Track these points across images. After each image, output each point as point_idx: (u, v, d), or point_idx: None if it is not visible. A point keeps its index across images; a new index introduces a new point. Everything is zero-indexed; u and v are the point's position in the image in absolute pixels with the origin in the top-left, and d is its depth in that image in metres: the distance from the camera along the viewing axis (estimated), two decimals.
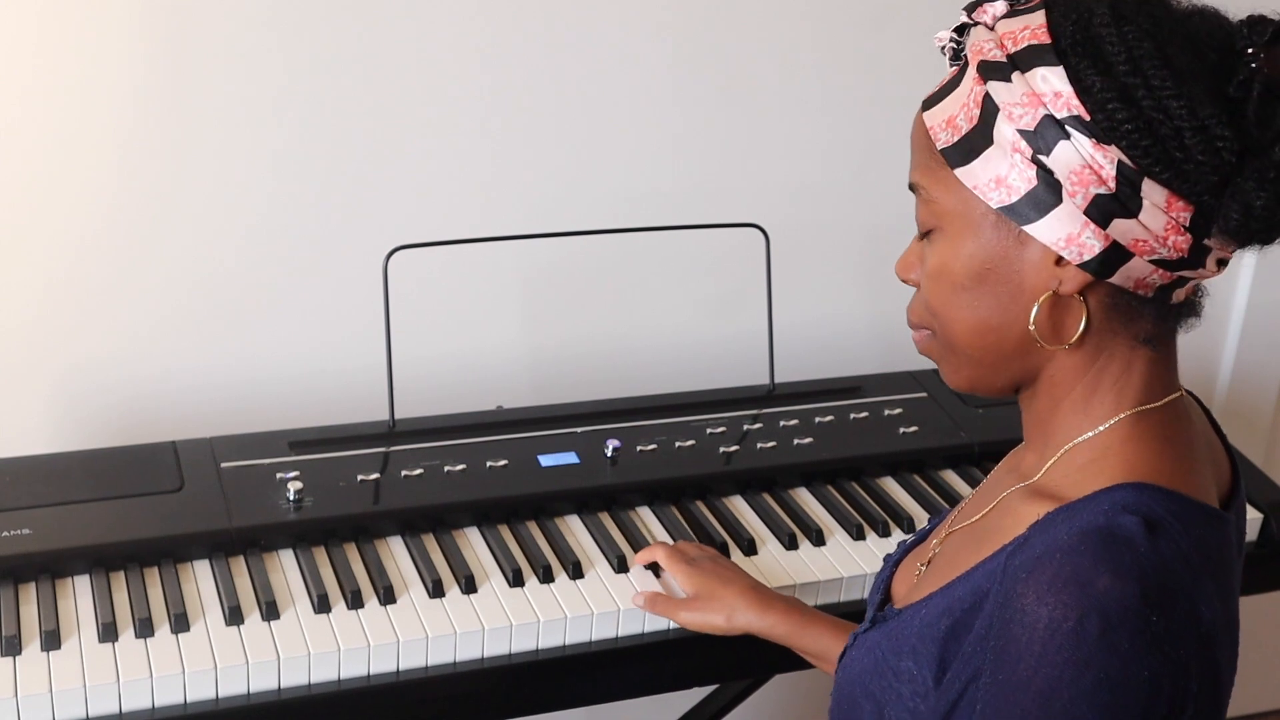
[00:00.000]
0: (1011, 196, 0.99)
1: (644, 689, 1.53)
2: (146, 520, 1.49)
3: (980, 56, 1.01)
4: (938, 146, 1.02)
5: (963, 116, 1.01)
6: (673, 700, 1.81)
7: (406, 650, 1.39)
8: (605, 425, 1.72)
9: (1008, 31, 1.00)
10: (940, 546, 1.17)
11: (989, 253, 1.02)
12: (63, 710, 1.28)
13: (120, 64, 1.72)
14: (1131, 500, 0.97)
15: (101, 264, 1.79)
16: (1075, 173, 0.96)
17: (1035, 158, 0.97)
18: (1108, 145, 0.95)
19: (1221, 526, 1.02)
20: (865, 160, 2.08)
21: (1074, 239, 0.98)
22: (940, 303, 1.06)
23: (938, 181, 1.03)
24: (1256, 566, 1.71)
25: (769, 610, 1.40)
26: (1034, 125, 0.97)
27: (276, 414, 1.87)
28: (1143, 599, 0.91)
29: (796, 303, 2.01)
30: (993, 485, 1.17)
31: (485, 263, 1.92)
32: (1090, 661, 0.90)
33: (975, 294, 1.03)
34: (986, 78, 0.99)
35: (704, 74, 1.97)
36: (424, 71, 1.84)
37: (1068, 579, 0.92)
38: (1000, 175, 0.99)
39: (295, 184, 1.84)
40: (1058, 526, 0.97)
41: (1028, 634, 0.92)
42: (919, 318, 1.11)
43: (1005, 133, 0.98)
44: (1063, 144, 0.96)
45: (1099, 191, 0.96)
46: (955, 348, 1.07)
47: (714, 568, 1.46)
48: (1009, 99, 0.98)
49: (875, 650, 1.11)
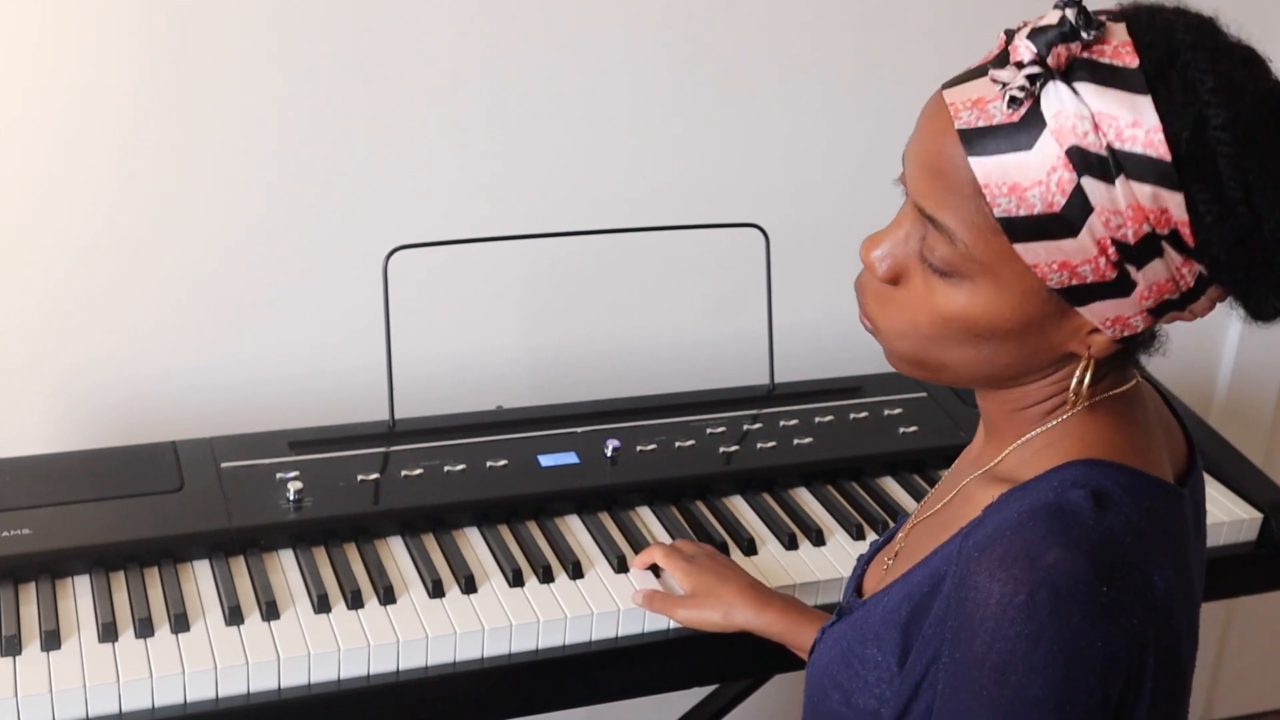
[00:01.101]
0: (1073, 281, 0.94)
1: (644, 689, 1.53)
2: (146, 520, 1.49)
3: (1074, 140, 0.90)
4: (995, 212, 0.93)
5: (1036, 194, 0.91)
6: (673, 700, 1.81)
7: (406, 650, 1.39)
8: (605, 425, 1.72)
9: (1108, 116, 0.89)
10: (905, 539, 1.18)
11: (1022, 318, 0.97)
12: (63, 710, 1.28)
13: (120, 64, 1.72)
14: (1080, 476, 0.98)
15: (101, 264, 1.79)
16: (1157, 284, 0.93)
17: (1122, 264, 0.92)
18: (1196, 262, 0.92)
19: (1176, 500, 1.02)
20: (865, 160, 2.07)
21: (1123, 320, 0.96)
22: (938, 340, 1.01)
23: (979, 238, 0.95)
24: (1257, 566, 1.71)
25: (766, 608, 1.40)
26: (1134, 240, 0.91)
27: (276, 414, 1.86)
28: (1093, 571, 0.91)
29: (796, 303, 2.01)
30: (953, 477, 1.17)
31: (485, 263, 1.91)
32: (1042, 635, 0.91)
33: (992, 345, 0.99)
34: (1081, 171, 0.90)
35: (704, 74, 1.97)
36: (424, 72, 1.84)
37: (1018, 554, 0.92)
38: (1071, 263, 0.93)
39: (295, 184, 1.84)
40: (1009, 505, 0.98)
41: (980, 611, 0.93)
42: (879, 319, 1.04)
43: (1095, 233, 0.91)
44: (1156, 261, 0.92)
45: (1170, 297, 0.95)
46: (927, 365, 1.04)
47: (711, 565, 1.46)
48: (1108, 204, 0.90)
49: (841, 641, 1.12)
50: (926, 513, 1.17)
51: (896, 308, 1.03)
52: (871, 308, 1.05)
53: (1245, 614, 2.61)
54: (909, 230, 1.01)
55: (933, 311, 1.00)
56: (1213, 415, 2.44)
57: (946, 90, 0.97)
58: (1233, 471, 1.75)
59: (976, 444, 1.16)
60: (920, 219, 0.99)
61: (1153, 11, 0.94)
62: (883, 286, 1.03)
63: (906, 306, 1.02)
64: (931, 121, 0.97)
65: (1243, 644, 2.66)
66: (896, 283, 1.02)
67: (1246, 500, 1.72)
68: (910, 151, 1.00)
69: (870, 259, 1.03)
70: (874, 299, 1.04)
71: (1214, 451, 1.78)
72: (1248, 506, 1.71)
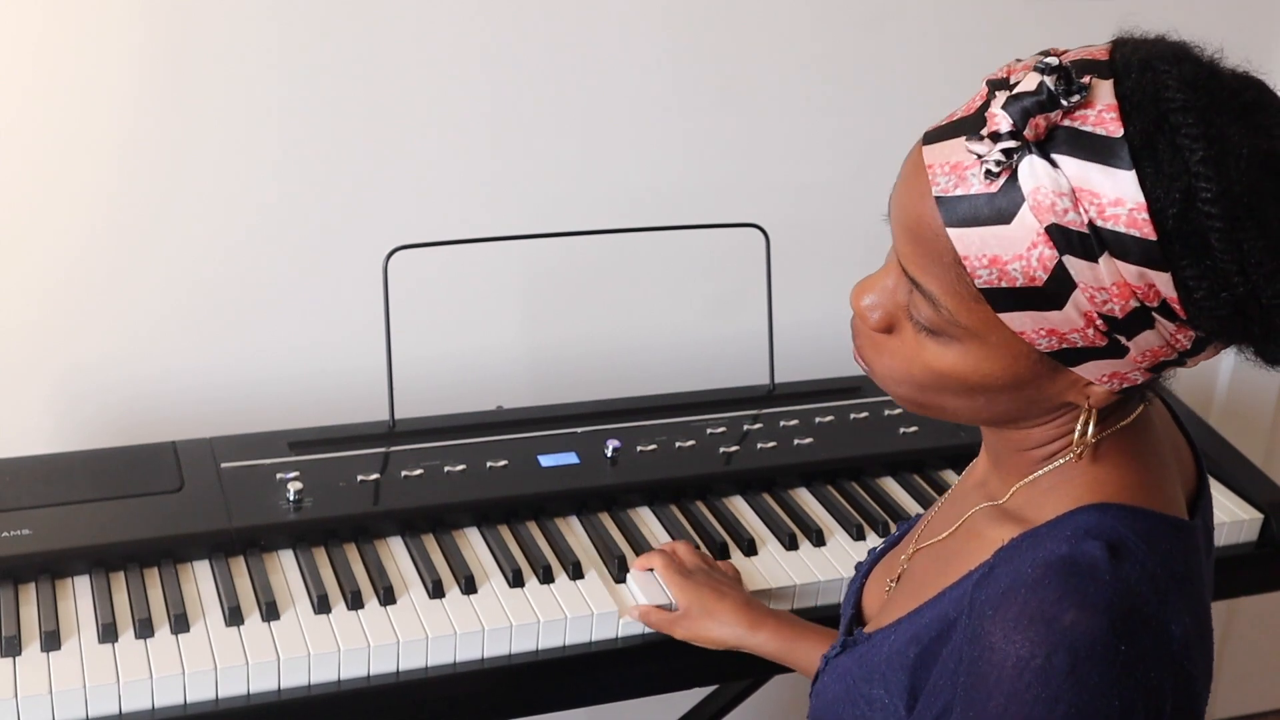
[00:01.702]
0: (1063, 345, 0.92)
1: (644, 689, 1.53)
2: (146, 520, 1.49)
3: (1053, 218, 0.86)
4: (976, 283, 0.90)
5: (1018, 268, 0.88)
6: (673, 700, 1.81)
7: (406, 651, 1.39)
8: (605, 425, 1.72)
9: (1088, 193, 0.85)
10: (908, 563, 1.17)
11: (1013, 377, 0.96)
12: (63, 710, 1.28)
13: (120, 64, 1.72)
14: (1094, 524, 0.96)
15: (101, 264, 1.79)
16: (1151, 350, 0.91)
17: (1112, 335, 0.90)
18: (1192, 330, 0.90)
19: (1189, 536, 1.00)
20: (865, 160, 2.08)
21: (1119, 375, 0.94)
22: (937, 391, 0.99)
23: (963, 305, 0.93)
24: (1257, 566, 1.71)
25: (759, 628, 1.39)
26: (1121, 314, 0.88)
27: (276, 414, 1.86)
28: (1111, 630, 0.90)
29: (796, 303, 2.01)
30: (958, 500, 1.15)
31: (485, 263, 1.91)
32: (1060, 697, 0.89)
33: (987, 397, 0.98)
34: (1062, 249, 0.87)
35: (704, 74, 1.97)
36: (424, 71, 1.84)
37: (1034, 615, 0.91)
38: (1059, 331, 0.91)
39: (295, 184, 1.84)
40: (1022, 555, 0.96)
41: (996, 672, 0.91)
42: (875, 366, 1.03)
43: (1080, 306, 0.89)
44: (1148, 331, 0.90)
45: (1166, 359, 0.93)
46: (928, 408, 1.02)
47: (708, 581, 1.45)
48: (1091, 281, 0.87)
49: (846, 677, 1.10)
50: (931, 539, 1.15)
51: (890, 356, 1.01)
52: (867, 353, 1.04)
53: (1245, 614, 2.61)
54: (896, 283, 0.99)
55: (925, 366, 0.98)
56: (1213, 415, 2.44)
57: (926, 148, 0.93)
58: (1233, 471, 1.75)
59: (980, 468, 1.14)
60: (907, 278, 0.97)
61: (1146, 63, 0.88)
62: (877, 336, 1.02)
63: (899, 356, 1.00)
64: (911, 181, 0.94)
65: (1243, 644, 2.66)
66: (889, 331, 1.01)
67: (1246, 500, 1.72)
68: (893, 204, 0.97)
69: (860, 308, 1.01)
70: (869, 345, 1.03)
71: (1214, 451, 1.78)
72: (1248, 506, 1.71)
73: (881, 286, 1.00)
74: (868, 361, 1.04)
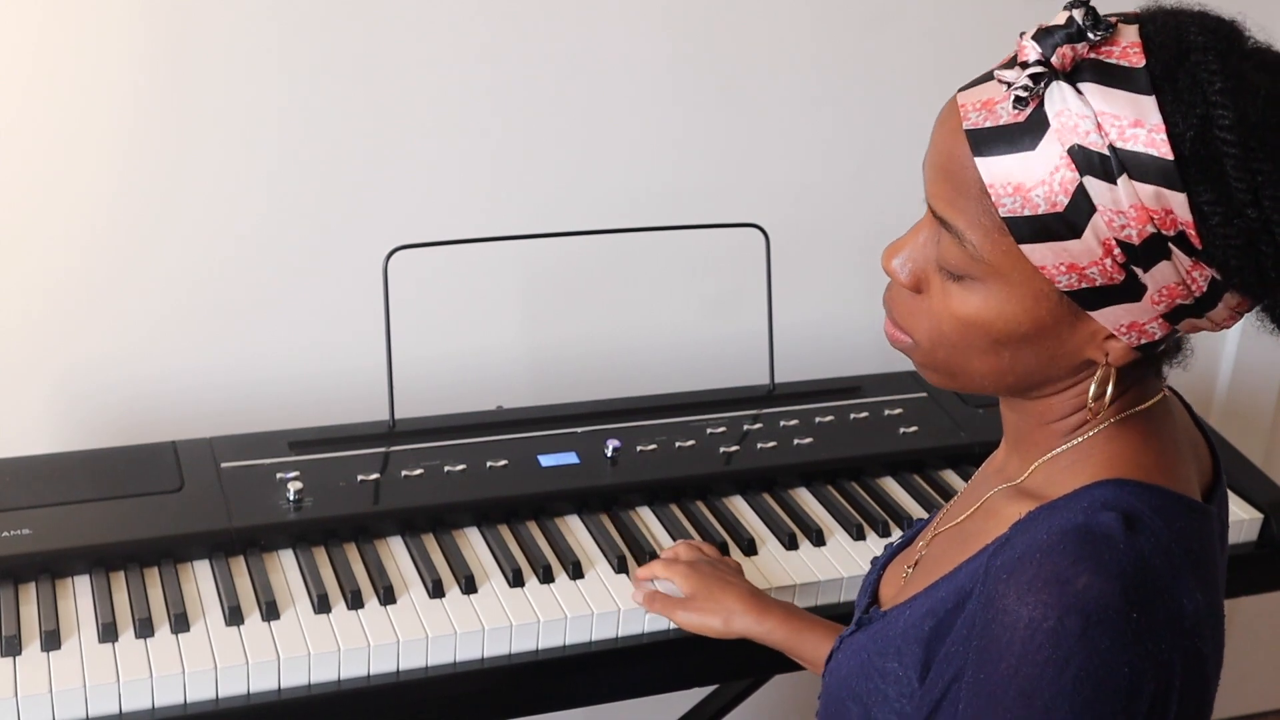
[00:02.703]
0: (1082, 284, 0.94)
1: (644, 689, 1.53)
2: (146, 520, 1.49)
3: (1075, 138, 0.90)
4: (1000, 211, 0.93)
5: (1040, 193, 0.91)
6: (673, 700, 1.81)
7: (406, 650, 1.39)
8: (605, 425, 1.72)
9: (1110, 116, 0.89)
10: (926, 549, 1.17)
11: (1035, 321, 0.97)
12: (63, 710, 1.28)
13: (120, 64, 1.72)
14: (1110, 496, 0.97)
15: (101, 264, 1.79)
16: (1167, 287, 0.93)
17: (1129, 266, 0.92)
18: (1207, 266, 0.92)
19: (1204, 519, 1.02)
20: (865, 160, 2.08)
21: (1138, 326, 0.96)
22: (963, 346, 1.01)
23: (987, 238, 0.95)
24: (1256, 566, 1.71)
25: (766, 616, 1.40)
26: (1138, 240, 0.91)
27: (276, 414, 1.86)
28: (1123, 596, 0.91)
29: (796, 303, 2.01)
30: (976, 487, 1.17)
31: (485, 263, 1.91)
32: (1070, 660, 0.90)
33: (1011, 350, 0.99)
34: (1083, 170, 0.90)
35: (704, 74, 1.97)
36: (424, 72, 1.84)
37: (1048, 578, 0.92)
38: (1078, 265, 0.93)
39: (295, 184, 1.84)
40: (1038, 525, 0.97)
41: (1008, 634, 0.92)
42: (912, 329, 1.05)
43: (1099, 233, 0.91)
44: (1164, 263, 0.92)
45: (1183, 302, 0.94)
46: (958, 375, 1.04)
47: (713, 571, 1.46)
48: (1110, 204, 0.90)
49: (861, 652, 1.11)
50: (949, 523, 1.16)
51: (923, 316, 1.03)
52: (903, 319, 1.05)
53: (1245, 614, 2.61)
54: (926, 236, 1.02)
55: (953, 317, 1.00)
56: (1213, 415, 2.44)
57: (960, 93, 0.98)
58: (1233, 471, 1.75)
59: (1000, 456, 1.15)
60: (936, 224, 1.00)
61: (1171, 13, 0.94)
62: (909, 297, 1.04)
63: (931, 314, 1.02)
64: (944, 125, 0.98)
65: (1243, 644, 2.66)
66: (920, 290, 1.03)
67: (1246, 500, 1.72)
68: (927, 156, 1.00)
69: (891, 267, 1.04)
70: (903, 310, 1.05)
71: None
72: (1248, 506, 1.71)
73: (911, 244, 1.03)
74: (906, 329, 1.05)
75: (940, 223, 0.98)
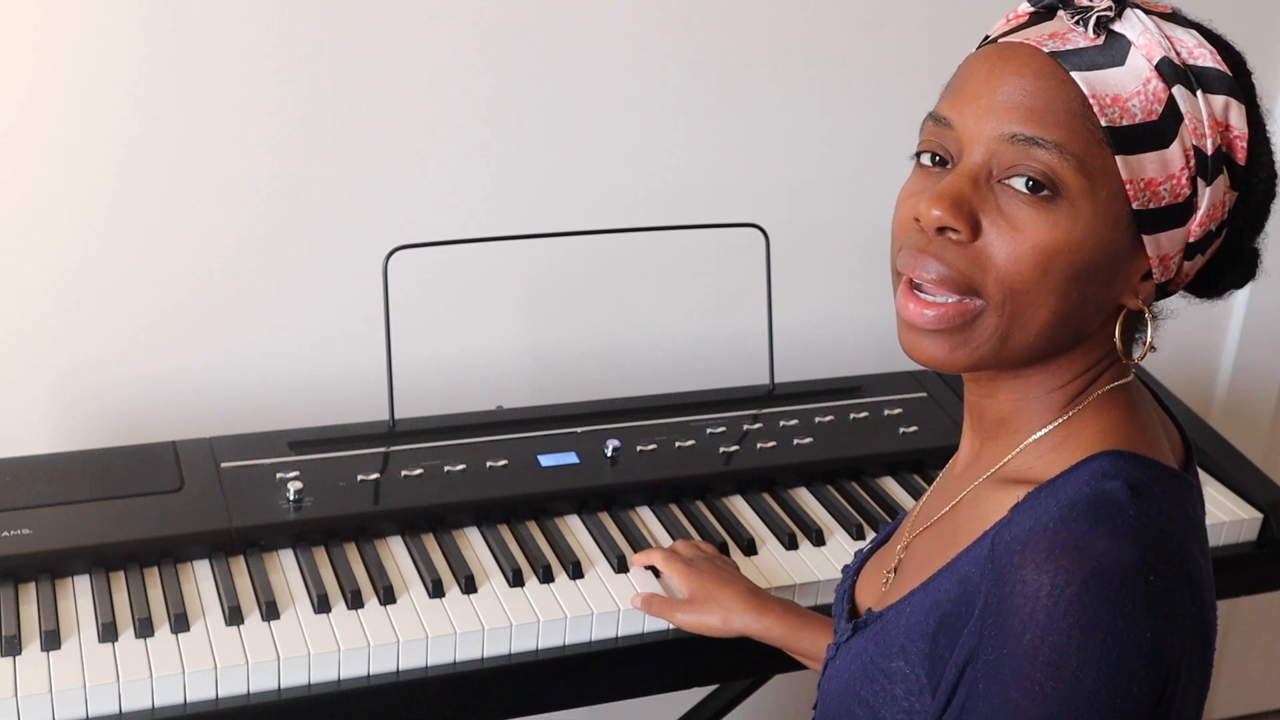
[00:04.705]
0: (1152, 204, 0.98)
1: (644, 689, 1.53)
2: (146, 520, 1.49)
3: (1161, 52, 0.97)
4: (1103, 122, 0.96)
5: (1137, 103, 0.96)
6: (673, 700, 1.81)
7: (406, 650, 1.39)
8: (605, 425, 1.72)
9: (1177, 40, 0.99)
10: (905, 551, 1.17)
11: (1112, 248, 0.98)
12: (63, 710, 1.28)
13: (120, 64, 1.72)
14: (1111, 467, 0.98)
15: (101, 264, 1.79)
16: (1214, 207, 1.00)
17: (1195, 179, 0.98)
18: (1233, 193, 1.01)
19: (1189, 489, 1.04)
20: (865, 160, 2.08)
21: (1167, 260, 1.01)
22: (1038, 286, 0.97)
23: (1088, 148, 0.96)
24: (1256, 566, 1.71)
25: (765, 613, 1.40)
26: (1211, 150, 0.98)
27: (276, 414, 1.87)
28: (1141, 559, 0.92)
29: (796, 303, 2.01)
30: (946, 486, 1.16)
31: (485, 263, 1.92)
32: (1096, 624, 0.90)
33: (1080, 287, 0.98)
34: (1171, 81, 0.97)
35: (704, 74, 1.97)
36: (424, 71, 1.84)
37: (1065, 545, 0.92)
38: (1157, 180, 0.97)
39: (295, 184, 1.84)
40: (1043, 503, 0.97)
41: (1030, 604, 0.92)
42: (970, 281, 0.98)
43: (1184, 142, 0.98)
44: (1219, 179, 0.99)
45: (1211, 229, 1.01)
46: (1013, 333, 0.99)
47: (711, 569, 1.46)
48: (1194, 112, 0.97)
49: (862, 655, 1.10)
50: (926, 522, 1.15)
51: (990, 260, 0.97)
52: (969, 273, 0.98)
53: (1245, 614, 2.61)
54: (971, 178, 0.98)
55: (1034, 248, 0.96)
56: (1213, 415, 2.44)
57: (1010, 37, 1.00)
58: (1233, 471, 1.75)
59: (966, 453, 1.14)
60: (987, 164, 0.97)
61: None
62: (962, 250, 0.98)
63: (1003, 252, 0.97)
64: (1007, 63, 0.98)
65: (1243, 644, 2.66)
66: (976, 234, 0.98)
67: (1246, 500, 1.72)
68: (976, 98, 0.98)
69: (937, 215, 0.97)
70: (963, 264, 0.98)
71: (1214, 451, 1.78)
72: (1248, 506, 1.71)
73: (955, 190, 0.98)
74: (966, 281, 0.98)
75: (1027, 143, 0.95)
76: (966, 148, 0.99)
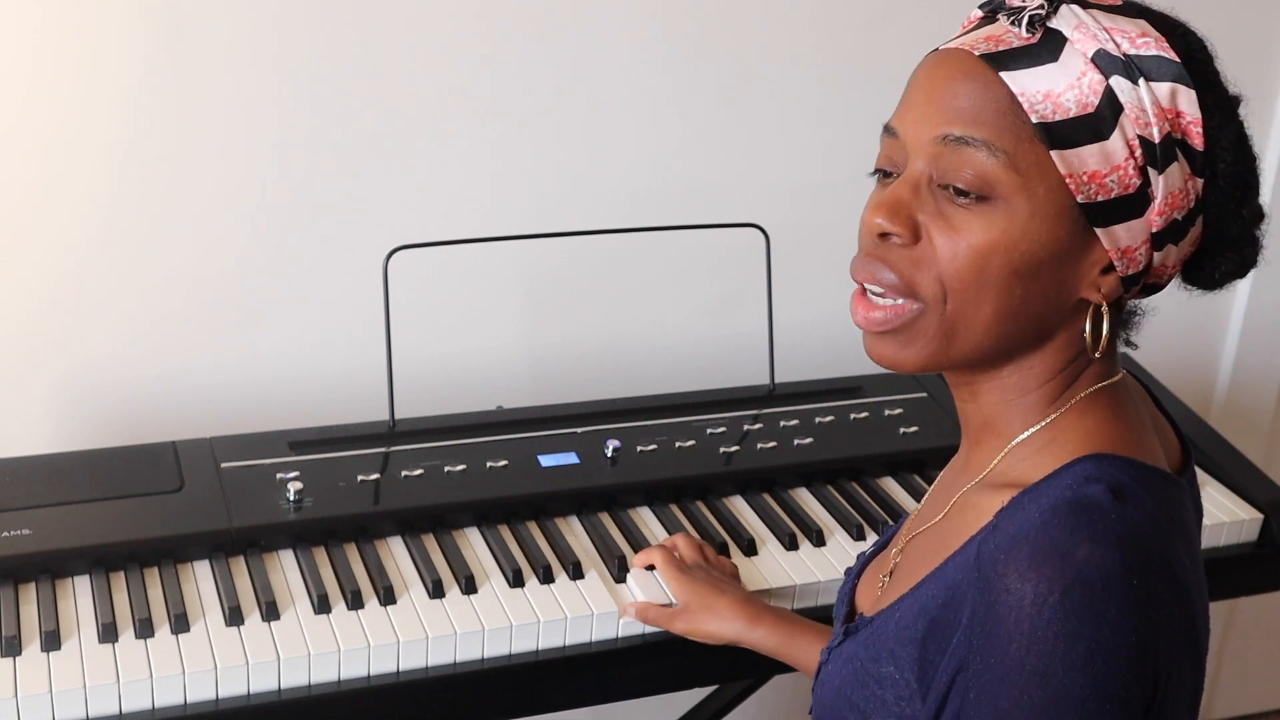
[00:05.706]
0: (1099, 196, 0.97)
1: (644, 689, 1.53)
2: (146, 520, 1.49)
3: (1096, 44, 0.97)
4: (1033, 118, 0.96)
5: (1071, 97, 0.96)
6: (673, 700, 1.81)
7: (406, 650, 1.39)
8: (605, 425, 1.72)
9: (1118, 31, 0.98)
10: (901, 555, 1.17)
11: (1056, 243, 0.98)
12: (63, 710, 1.28)
13: (120, 64, 1.72)
14: (1093, 470, 0.98)
15: (101, 264, 1.79)
16: (1173, 195, 0.98)
17: (1144, 169, 0.97)
18: (1198, 179, 0.99)
19: (1178, 491, 1.03)
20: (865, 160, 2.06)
21: (1131, 252, 1.00)
22: (976, 285, 0.98)
23: (1019, 145, 0.97)
24: (1256, 566, 1.71)
25: (759, 623, 1.40)
26: (1159, 138, 0.97)
27: (276, 414, 1.87)
28: (1123, 563, 0.91)
29: (796, 303, 2.01)
30: (944, 490, 1.16)
31: (485, 263, 1.92)
32: (1080, 632, 0.90)
33: (1024, 284, 0.98)
34: (1108, 73, 0.96)
35: (704, 74, 1.97)
36: (424, 71, 1.84)
37: (1047, 552, 0.92)
38: (1101, 172, 0.97)
39: (295, 184, 1.84)
40: (1026, 508, 0.97)
41: (1014, 613, 0.92)
42: (910, 283, 1.01)
43: (1125, 132, 0.97)
44: (1173, 166, 0.98)
45: (1176, 218, 0.99)
46: (958, 331, 1.01)
47: (706, 578, 1.45)
48: (1135, 102, 0.97)
49: (853, 660, 1.10)
50: (921, 527, 1.15)
51: (929, 263, 1.00)
52: (907, 275, 1.01)
53: (1245, 614, 2.61)
54: (912, 185, 1.01)
55: (970, 249, 0.98)
56: (1213, 415, 2.44)
57: (949, 44, 1.02)
58: (1233, 471, 1.75)
59: (961, 457, 1.15)
60: (926, 170, 1.00)
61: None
62: (905, 253, 1.01)
63: (941, 254, 0.99)
64: (940, 69, 1.01)
65: (1243, 644, 2.66)
66: (918, 239, 1.00)
67: (1246, 500, 1.72)
68: (915, 105, 1.01)
69: (879, 223, 1.01)
70: (904, 266, 1.01)
71: (1214, 451, 1.78)
72: (1248, 506, 1.71)
73: (894, 197, 1.01)
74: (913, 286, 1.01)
75: (958, 144, 0.98)
76: (910, 155, 1.02)
